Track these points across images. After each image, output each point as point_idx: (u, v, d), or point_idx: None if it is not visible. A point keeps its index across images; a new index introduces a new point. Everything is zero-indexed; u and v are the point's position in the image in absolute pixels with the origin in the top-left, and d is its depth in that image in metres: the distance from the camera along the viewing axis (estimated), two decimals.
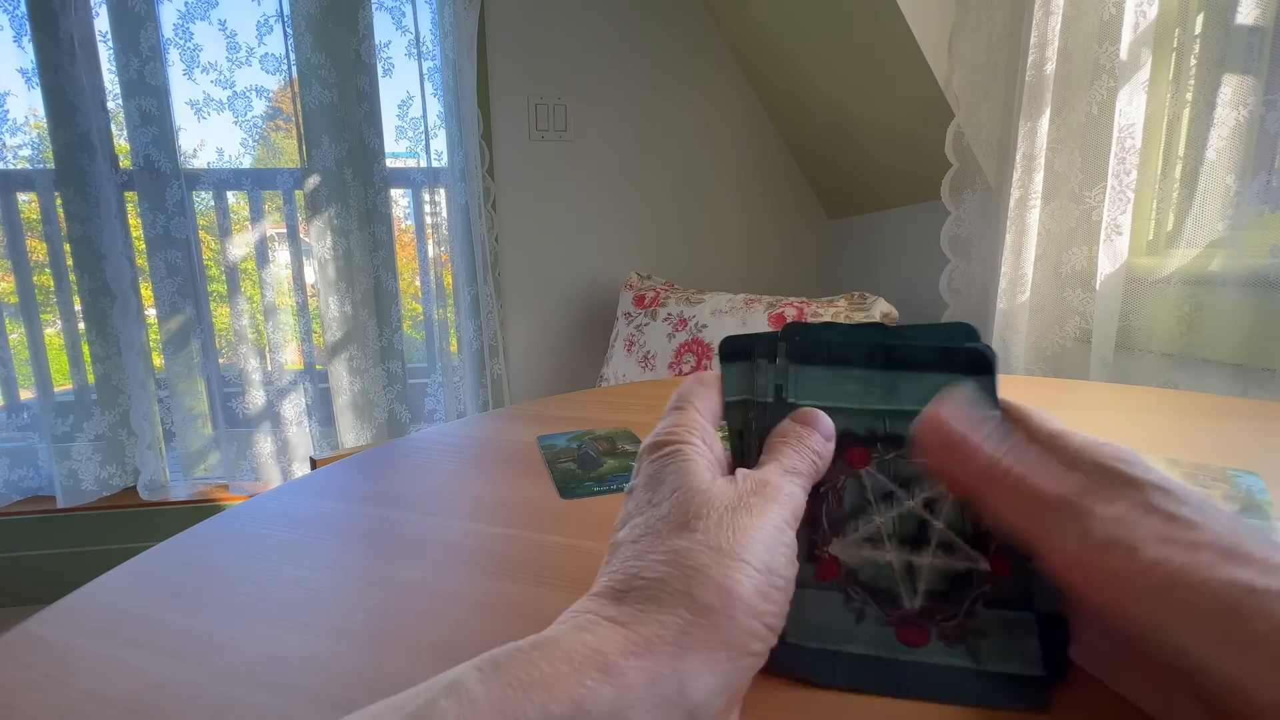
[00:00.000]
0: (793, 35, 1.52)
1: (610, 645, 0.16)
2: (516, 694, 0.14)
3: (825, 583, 0.22)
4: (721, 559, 0.18)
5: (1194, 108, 0.85)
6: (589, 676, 0.15)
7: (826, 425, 0.23)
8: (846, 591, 0.22)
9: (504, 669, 0.15)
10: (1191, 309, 0.85)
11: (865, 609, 0.22)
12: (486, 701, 0.14)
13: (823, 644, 0.22)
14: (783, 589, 0.18)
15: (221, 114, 1.60)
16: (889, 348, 0.24)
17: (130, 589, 0.30)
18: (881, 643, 0.22)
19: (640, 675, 0.15)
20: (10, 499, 1.63)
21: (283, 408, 1.71)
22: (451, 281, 1.74)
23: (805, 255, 2.03)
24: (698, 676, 0.16)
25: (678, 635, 0.16)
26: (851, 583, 0.22)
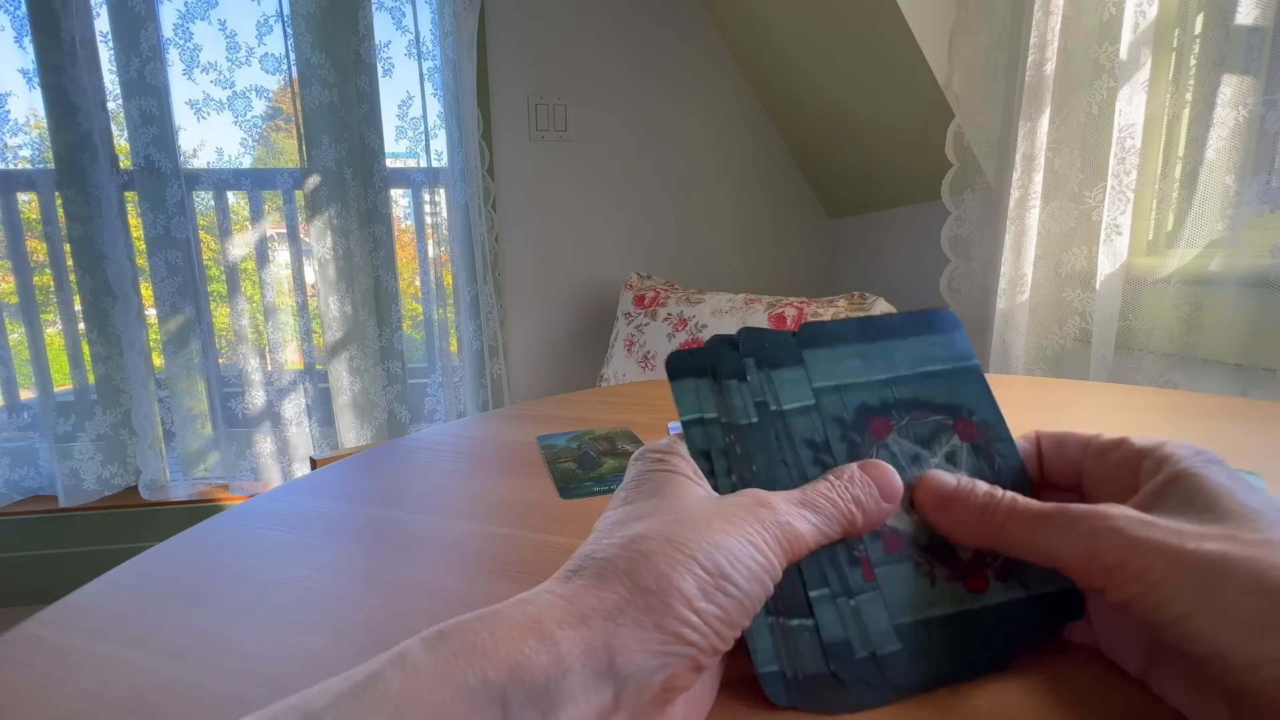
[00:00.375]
0: (793, 35, 1.52)
1: (548, 615, 0.16)
2: (458, 661, 0.15)
3: (894, 555, 0.23)
4: (669, 549, 0.18)
5: (1194, 108, 0.85)
6: (526, 644, 0.15)
7: (890, 484, 0.23)
8: (915, 559, 0.23)
9: (448, 639, 0.15)
10: (1191, 309, 0.85)
11: (934, 570, 0.23)
12: (429, 669, 0.15)
13: (911, 617, 0.22)
14: (735, 598, 0.18)
15: (221, 114, 1.60)
16: (875, 320, 0.26)
17: (130, 589, 0.30)
18: (956, 597, 0.22)
19: (575, 645, 0.16)
20: (11, 498, 1.63)
21: (283, 408, 1.71)
22: (451, 281, 1.74)
23: (805, 255, 2.03)
24: (628, 653, 0.16)
25: (613, 611, 0.17)
26: (915, 549, 0.23)
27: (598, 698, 0.16)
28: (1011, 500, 0.21)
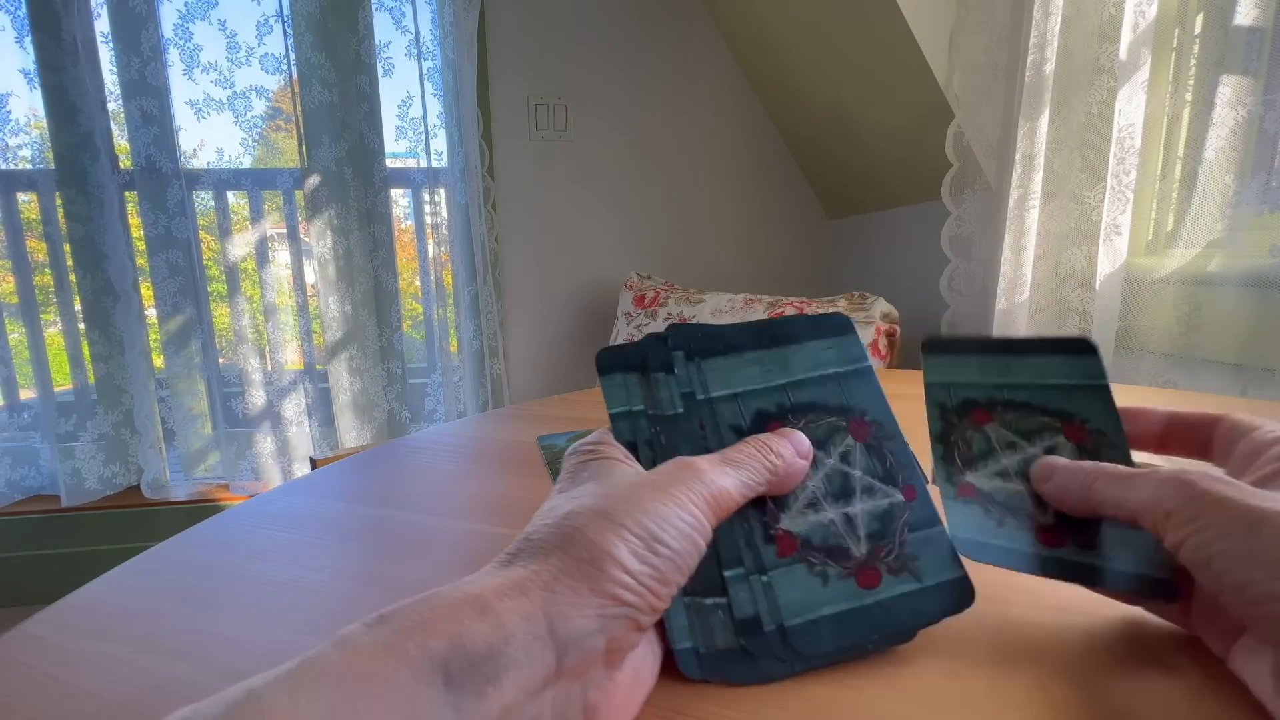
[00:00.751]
0: (793, 35, 1.52)
1: (488, 589, 0.17)
2: (398, 636, 0.15)
3: (787, 558, 0.24)
4: (599, 521, 0.19)
5: (1193, 108, 0.85)
6: (467, 616, 0.16)
7: (803, 442, 0.25)
8: (807, 560, 0.24)
9: (388, 619, 0.16)
10: (1190, 309, 0.85)
11: (827, 570, 0.23)
12: (369, 644, 0.15)
13: (801, 617, 0.23)
14: (667, 558, 0.19)
15: (221, 114, 1.60)
16: (770, 325, 0.27)
17: (130, 589, 0.30)
18: (848, 594, 0.23)
19: (514, 614, 0.17)
20: (12, 498, 1.63)
21: (283, 408, 1.71)
22: (451, 281, 1.74)
23: (805, 255, 2.03)
24: (567, 618, 0.17)
25: (549, 580, 0.18)
26: (809, 550, 0.24)
27: (540, 662, 0.17)
28: (1105, 465, 0.23)
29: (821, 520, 0.24)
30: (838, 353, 0.27)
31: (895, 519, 0.24)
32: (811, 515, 0.24)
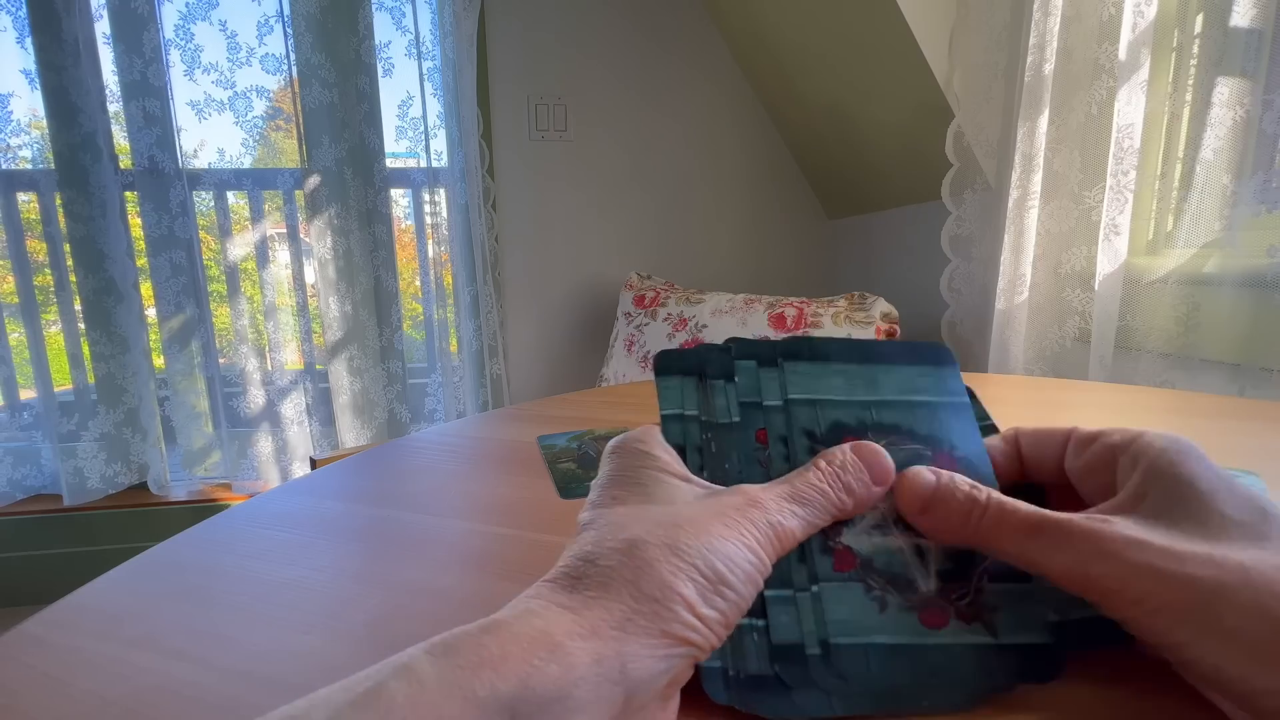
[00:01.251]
0: (793, 35, 1.52)
1: (558, 628, 0.16)
2: (466, 674, 0.15)
3: (844, 573, 0.22)
4: (669, 558, 0.18)
5: (1192, 108, 0.85)
6: (536, 656, 0.15)
7: (883, 467, 0.22)
8: (865, 581, 0.22)
9: (454, 650, 0.15)
10: (1189, 309, 0.85)
11: (886, 597, 0.21)
12: (436, 682, 0.14)
13: (851, 638, 0.21)
14: (733, 601, 0.19)
15: (222, 114, 1.60)
16: (863, 344, 0.26)
17: (130, 589, 0.30)
18: (906, 628, 0.21)
19: (585, 655, 0.16)
20: (14, 497, 1.63)
21: (283, 408, 1.71)
22: (451, 281, 1.75)
23: (805, 255, 2.03)
24: (638, 659, 0.17)
25: (621, 621, 0.17)
26: (869, 572, 0.22)
27: (608, 704, 0.16)
28: (998, 506, 0.20)
29: (888, 545, 0.22)
30: (933, 381, 0.25)
31: (975, 564, 0.22)
32: (877, 537, 0.22)
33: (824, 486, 0.22)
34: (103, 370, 1.60)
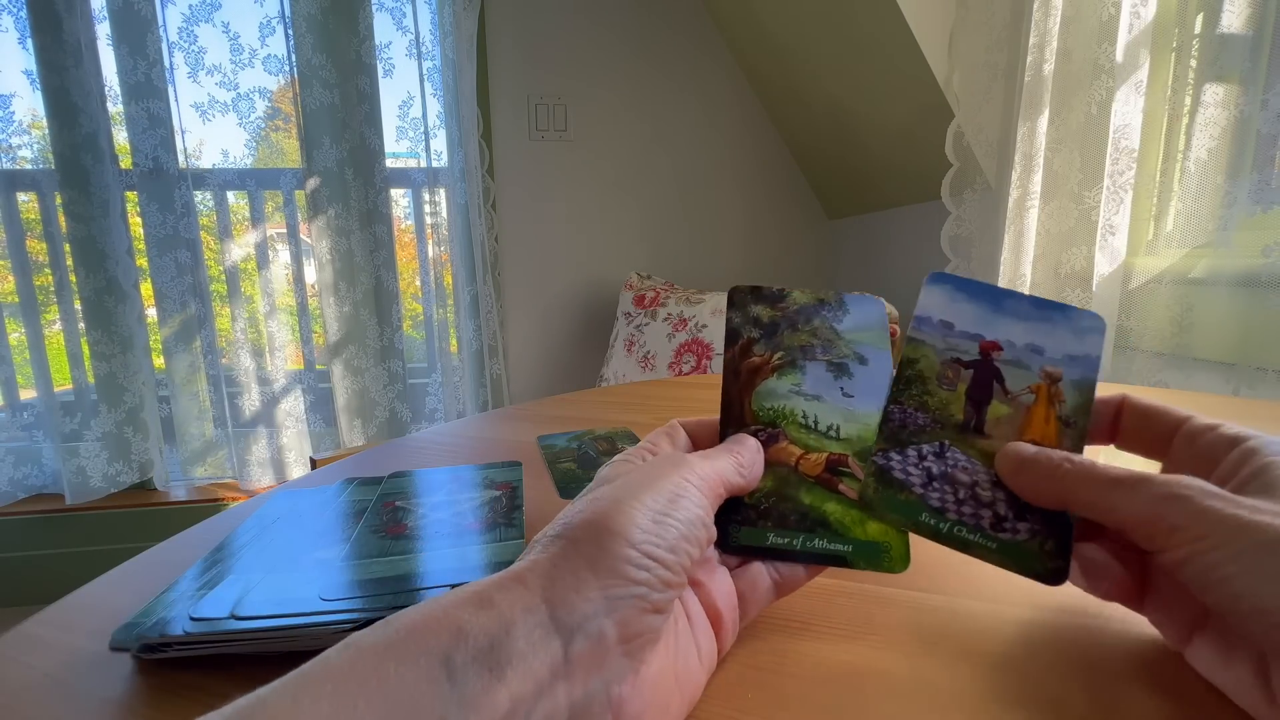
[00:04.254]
0: (793, 35, 1.52)
1: (488, 585, 0.17)
2: (401, 636, 0.15)
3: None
4: (605, 506, 0.19)
5: (1188, 108, 0.85)
6: (466, 610, 0.16)
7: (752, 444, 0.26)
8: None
9: (391, 622, 0.16)
10: (1183, 309, 0.85)
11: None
12: (373, 645, 0.15)
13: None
14: (674, 526, 0.20)
15: (226, 115, 1.60)
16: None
17: (130, 589, 0.30)
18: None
19: (514, 604, 0.17)
20: (15, 496, 1.63)
21: (283, 407, 1.71)
22: (451, 281, 1.75)
23: (805, 255, 2.03)
24: (567, 603, 0.17)
25: (547, 568, 0.18)
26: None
27: (546, 653, 0.16)
28: (1088, 464, 0.22)
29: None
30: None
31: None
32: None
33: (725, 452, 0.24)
34: (103, 370, 1.60)
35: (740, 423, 0.26)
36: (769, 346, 0.27)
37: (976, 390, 0.25)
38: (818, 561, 0.24)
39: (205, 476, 1.73)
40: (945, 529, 0.24)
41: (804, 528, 0.25)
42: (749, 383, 0.27)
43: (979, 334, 0.26)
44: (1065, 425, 0.24)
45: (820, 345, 0.27)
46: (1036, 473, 0.23)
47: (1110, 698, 0.21)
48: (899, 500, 0.24)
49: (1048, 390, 0.25)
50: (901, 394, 0.26)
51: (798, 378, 0.27)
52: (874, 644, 0.24)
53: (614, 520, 0.19)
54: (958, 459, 0.25)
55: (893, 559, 0.24)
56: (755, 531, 0.25)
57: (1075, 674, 0.22)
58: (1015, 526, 0.23)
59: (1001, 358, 0.25)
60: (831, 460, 0.25)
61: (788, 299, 0.28)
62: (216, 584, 0.27)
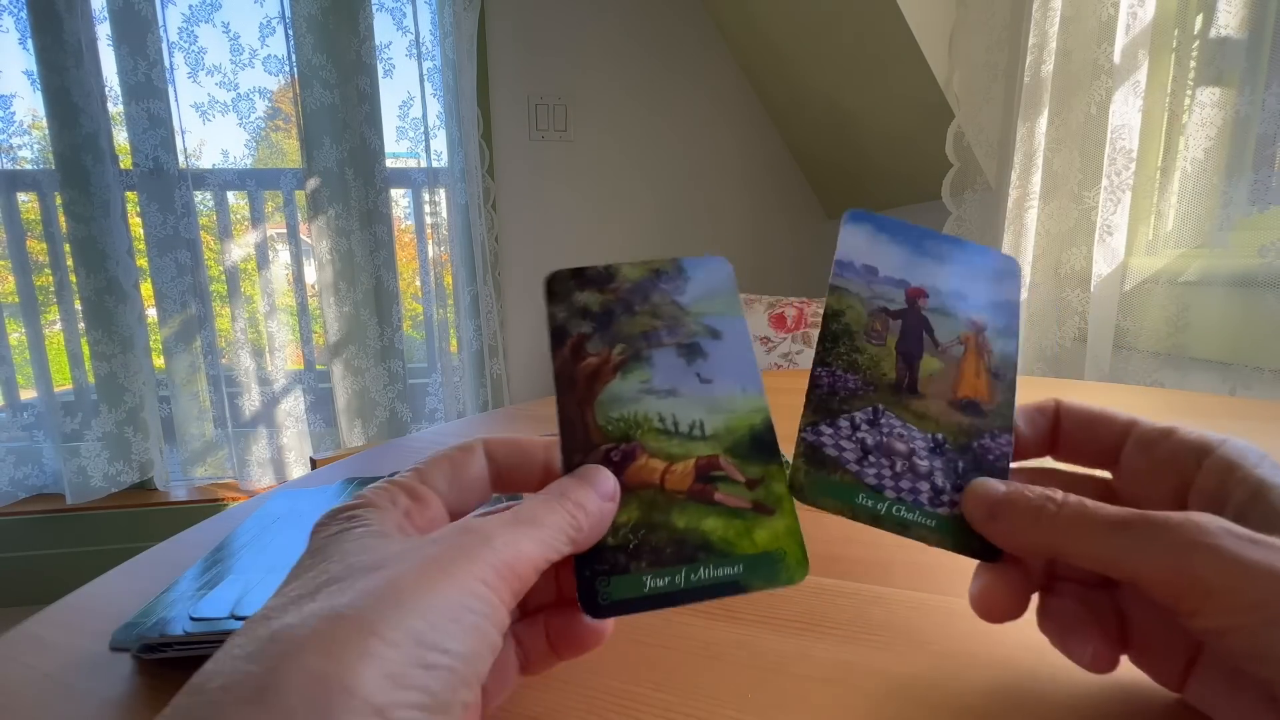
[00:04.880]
0: (793, 35, 1.52)
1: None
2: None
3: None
4: (331, 637, 0.13)
5: (1186, 109, 0.85)
6: None
7: (605, 480, 0.20)
8: None
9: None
10: (1180, 309, 0.85)
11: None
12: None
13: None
14: (446, 670, 0.13)
15: (226, 115, 1.61)
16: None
17: (130, 589, 0.30)
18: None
19: None
20: (15, 496, 1.63)
21: (283, 407, 1.71)
22: (451, 281, 1.75)
23: (805, 255, 2.03)
24: None
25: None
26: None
27: None
28: (1078, 504, 0.18)
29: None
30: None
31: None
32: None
33: (551, 505, 0.18)
34: (104, 370, 1.60)
35: (587, 444, 0.21)
36: (605, 341, 0.23)
37: (906, 343, 0.23)
38: (707, 596, 0.20)
39: (205, 476, 1.73)
40: (884, 510, 0.21)
41: (683, 558, 0.20)
42: (588, 391, 0.22)
43: (904, 280, 0.24)
44: (995, 378, 0.23)
45: (664, 327, 0.23)
46: (1015, 519, 0.19)
47: (1112, 698, 0.21)
48: (832, 482, 0.22)
49: (976, 340, 0.23)
50: (829, 353, 0.23)
51: (646, 372, 0.22)
52: (874, 644, 0.24)
53: (347, 668, 0.12)
54: (893, 425, 0.22)
55: (790, 567, 0.20)
56: (628, 580, 0.20)
57: (1076, 674, 0.22)
58: (953, 498, 0.21)
59: (928, 306, 0.23)
60: (700, 466, 0.21)
61: (617, 277, 0.24)
62: (216, 584, 0.27)
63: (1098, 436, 0.22)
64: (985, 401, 0.22)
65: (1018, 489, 0.20)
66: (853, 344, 0.23)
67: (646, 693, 0.22)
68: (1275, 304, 0.73)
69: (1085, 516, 0.18)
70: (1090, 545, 0.18)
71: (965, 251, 0.24)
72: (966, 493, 0.21)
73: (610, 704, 0.21)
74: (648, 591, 0.20)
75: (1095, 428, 0.22)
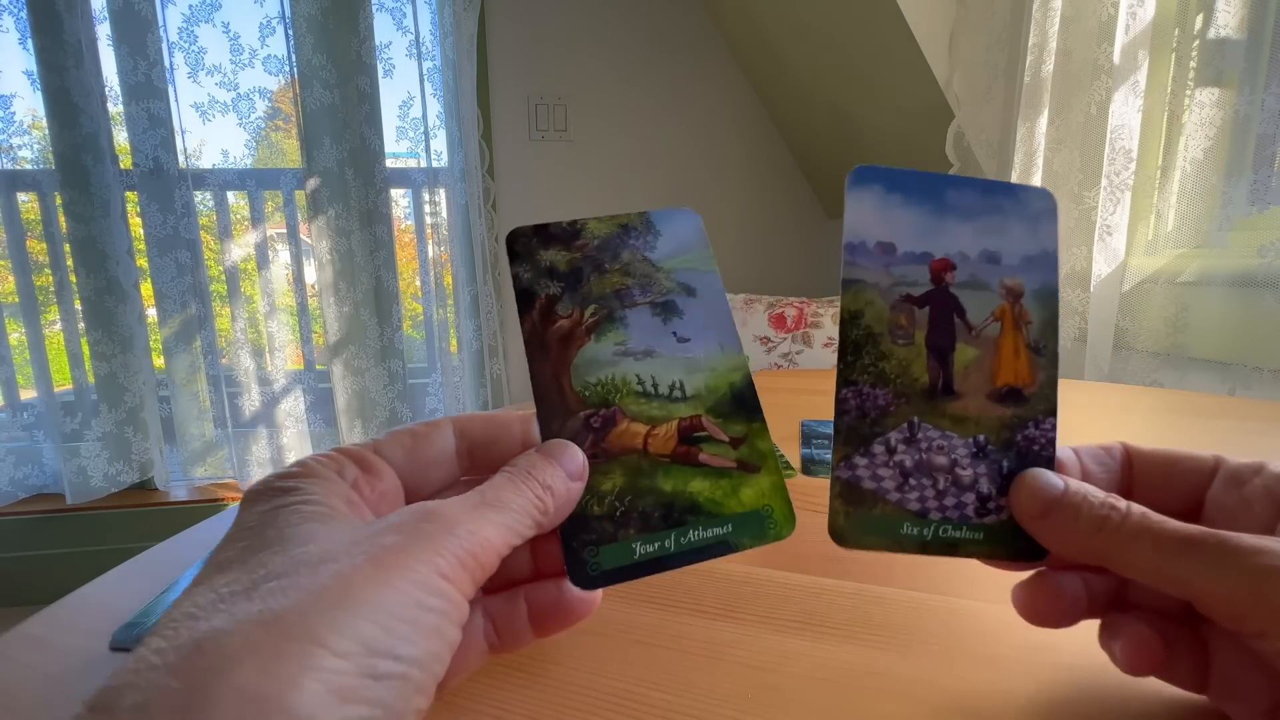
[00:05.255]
0: (793, 35, 1.52)
1: None
2: None
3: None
4: (265, 647, 0.11)
5: (1185, 109, 0.85)
6: None
7: (574, 459, 0.19)
8: None
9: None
10: (1179, 309, 0.85)
11: None
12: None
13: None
14: (399, 679, 0.12)
15: (226, 115, 1.61)
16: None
17: (130, 589, 0.30)
18: None
19: None
20: (15, 496, 1.63)
21: (283, 407, 1.71)
22: (451, 281, 1.75)
23: (805, 255, 2.03)
24: None
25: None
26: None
27: None
28: (1142, 516, 0.17)
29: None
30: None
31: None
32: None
33: (518, 485, 0.18)
34: (104, 370, 1.60)
35: (565, 412, 0.21)
36: (576, 302, 0.22)
37: (937, 335, 0.21)
38: (698, 558, 0.20)
39: (205, 476, 1.73)
40: (930, 535, 0.20)
41: (672, 521, 0.20)
42: (562, 356, 0.21)
43: (926, 252, 0.21)
44: (1036, 354, 0.21)
45: (637, 285, 0.22)
46: (1073, 522, 0.18)
47: (1112, 697, 0.21)
48: (874, 518, 0.20)
49: (1013, 312, 0.21)
50: (852, 367, 0.21)
51: (621, 334, 0.22)
52: (874, 644, 0.24)
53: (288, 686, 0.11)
54: (931, 438, 0.21)
55: (777, 523, 0.20)
56: (618, 548, 0.20)
57: (1076, 673, 0.22)
58: (999, 503, 0.20)
59: (957, 280, 0.21)
60: (683, 428, 0.21)
61: (584, 233, 0.23)
62: None
63: (1182, 477, 0.20)
64: (1027, 385, 0.21)
65: (1079, 490, 0.18)
66: (877, 350, 0.21)
67: (647, 693, 0.22)
68: (1274, 304, 0.73)
69: (1150, 530, 0.17)
70: (1153, 560, 0.16)
71: (993, 196, 0.21)
72: (1017, 485, 0.20)
73: (611, 704, 0.21)
74: (638, 558, 0.20)
75: (1177, 468, 0.20)
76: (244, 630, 0.11)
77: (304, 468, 0.17)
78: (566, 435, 0.20)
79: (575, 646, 0.24)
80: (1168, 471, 0.20)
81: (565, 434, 0.20)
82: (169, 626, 0.12)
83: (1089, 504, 0.18)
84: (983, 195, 0.21)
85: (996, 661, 0.23)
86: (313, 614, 0.12)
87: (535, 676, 0.22)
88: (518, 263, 0.22)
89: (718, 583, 0.28)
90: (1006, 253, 0.21)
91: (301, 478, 0.16)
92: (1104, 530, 0.17)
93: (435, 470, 0.19)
